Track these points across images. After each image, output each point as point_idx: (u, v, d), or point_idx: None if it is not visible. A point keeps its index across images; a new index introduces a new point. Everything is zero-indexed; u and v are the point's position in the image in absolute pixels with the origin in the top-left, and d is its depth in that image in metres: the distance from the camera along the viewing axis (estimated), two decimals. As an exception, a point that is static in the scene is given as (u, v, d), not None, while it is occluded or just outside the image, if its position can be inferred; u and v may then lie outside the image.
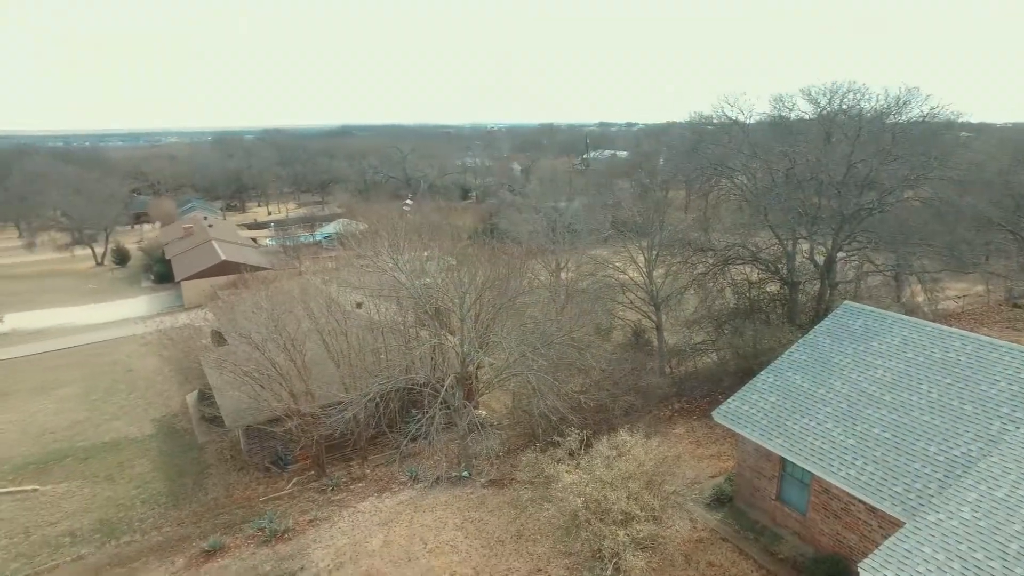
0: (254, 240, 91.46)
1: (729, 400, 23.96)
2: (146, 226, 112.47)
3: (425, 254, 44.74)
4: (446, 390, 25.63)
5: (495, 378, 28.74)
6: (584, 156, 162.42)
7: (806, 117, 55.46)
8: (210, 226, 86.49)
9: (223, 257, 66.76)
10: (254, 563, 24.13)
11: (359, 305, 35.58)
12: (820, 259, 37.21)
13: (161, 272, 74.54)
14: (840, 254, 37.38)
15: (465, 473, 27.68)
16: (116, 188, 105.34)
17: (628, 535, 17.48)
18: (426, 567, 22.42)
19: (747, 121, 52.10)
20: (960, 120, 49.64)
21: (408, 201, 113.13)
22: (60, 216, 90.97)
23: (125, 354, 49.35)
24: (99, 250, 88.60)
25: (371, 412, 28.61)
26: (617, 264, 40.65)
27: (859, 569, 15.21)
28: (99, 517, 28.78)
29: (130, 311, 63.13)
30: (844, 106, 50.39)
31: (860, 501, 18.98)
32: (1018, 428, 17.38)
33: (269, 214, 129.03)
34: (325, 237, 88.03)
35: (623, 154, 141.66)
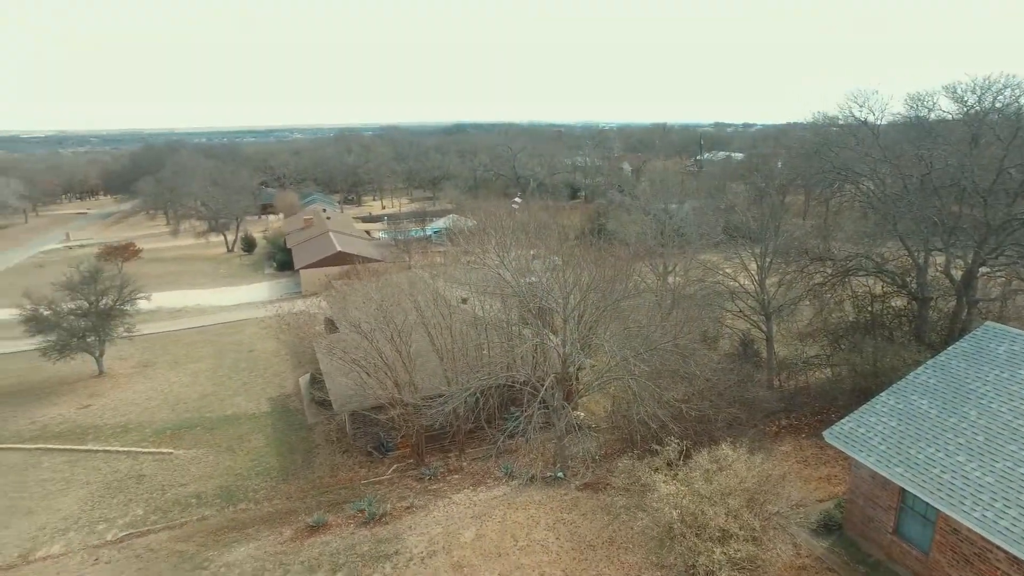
0: (368, 233, 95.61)
1: (843, 421, 22.45)
2: (271, 216, 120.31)
3: (531, 253, 45.07)
4: (546, 390, 25.64)
5: (595, 381, 28.46)
6: (697, 157, 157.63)
7: (949, 117, 50.97)
8: (328, 218, 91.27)
9: (338, 248, 70.24)
10: (353, 542, 25.23)
11: (464, 301, 36.33)
12: (957, 274, 34.07)
13: (283, 260, 79.51)
14: (983, 269, 34.03)
15: (560, 474, 27.60)
16: (247, 181, 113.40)
17: (725, 553, 16.79)
18: (515, 564, 22.55)
19: (878, 122, 48.57)
20: None
21: (517, 199, 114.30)
22: (200, 206, 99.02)
23: (248, 335, 53.06)
24: (230, 238, 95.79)
25: (471, 406, 29.11)
26: (727, 270, 39.14)
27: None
28: (220, 484, 31.14)
29: (254, 296, 67.81)
30: (998, 104, 45.80)
31: (1000, 549, 17.15)
32: None
33: (383, 208, 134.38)
34: (435, 232, 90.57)
35: (738, 156, 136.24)
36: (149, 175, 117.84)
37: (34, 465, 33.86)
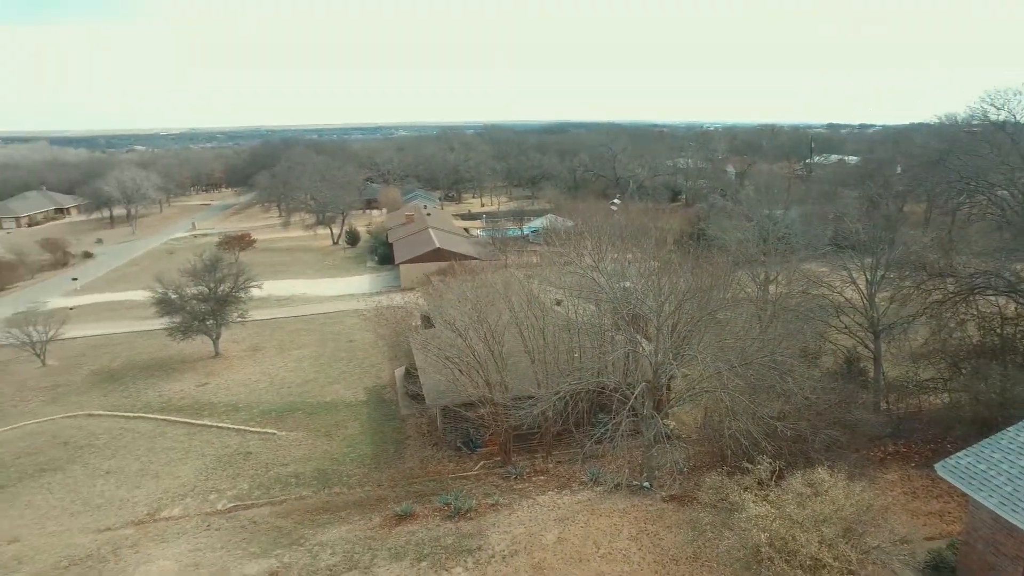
0: (466, 230, 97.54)
1: (961, 453, 20.77)
2: (374, 211, 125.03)
3: (628, 256, 44.55)
4: (635, 398, 25.34)
5: (687, 392, 27.83)
6: (807, 161, 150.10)
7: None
8: (428, 215, 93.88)
9: (437, 245, 72.13)
10: (438, 535, 25.94)
11: (559, 303, 36.45)
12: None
13: (384, 254, 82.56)
14: None
15: (646, 484, 27.21)
16: (353, 176, 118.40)
17: (817, 584, 16.01)
18: (596, 571, 22.45)
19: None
20: None
21: (615, 200, 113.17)
22: (309, 199, 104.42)
23: (348, 326, 55.54)
24: (336, 231, 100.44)
25: (560, 410, 29.18)
26: (834, 283, 37.11)
27: None
28: (317, 466, 32.87)
29: (355, 288, 70.86)
30: None
31: None
32: None
33: (482, 206, 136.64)
34: (532, 232, 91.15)
35: (852, 160, 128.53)
36: (265, 170, 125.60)
37: (160, 434, 37.06)
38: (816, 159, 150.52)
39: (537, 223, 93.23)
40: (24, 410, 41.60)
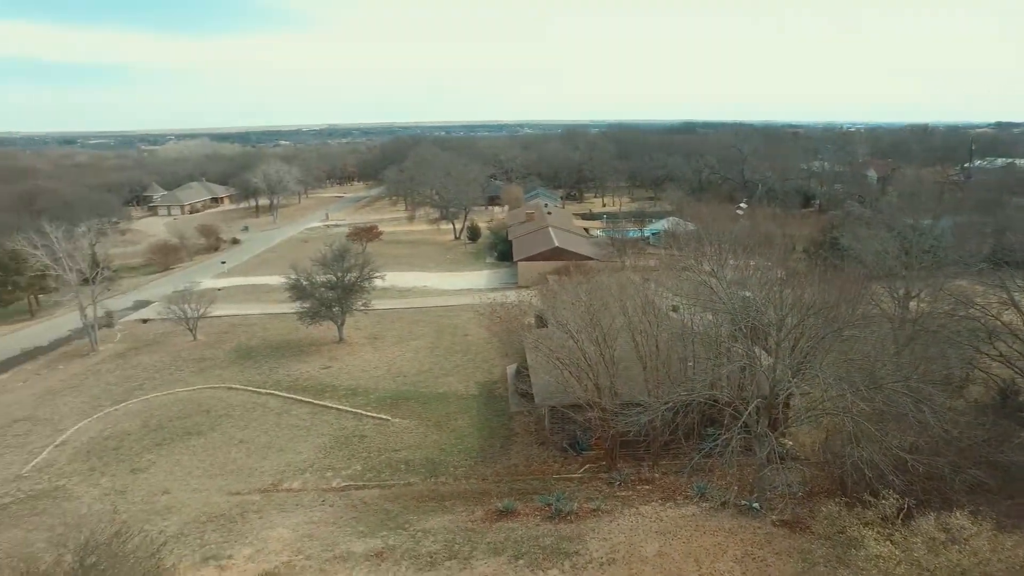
0: (586, 230, 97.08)
1: None
2: (496, 208, 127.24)
3: (751, 263, 42.59)
4: (749, 414, 24.20)
5: (806, 412, 26.19)
6: (965, 165, 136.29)
7: None
8: (549, 213, 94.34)
9: (556, 244, 72.29)
10: (537, 534, 26.07)
11: (674, 309, 35.49)
12: None
13: (503, 251, 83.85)
14: None
15: (755, 504, 25.90)
16: (477, 173, 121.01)
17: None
18: (698, 591, 21.71)
19: None
20: None
21: (742, 204, 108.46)
22: (434, 195, 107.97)
23: (464, 320, 56.95)
24: (458, 226, 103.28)
25: (669, 420, 28.40)
26: (989, 304, 33.47)
27: None
28: (426, 455, 34.01)
29: (474, 283, 72.51)
30: None
31: None
32: None
33: (603, 206, 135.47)
34: (652, 234, 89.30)
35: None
36: (394, 165, 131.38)
37: (287, 411, 39.85)
38: (978, 163, 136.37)
39: (658, 225, 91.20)
40: (177, 378, 46.16)
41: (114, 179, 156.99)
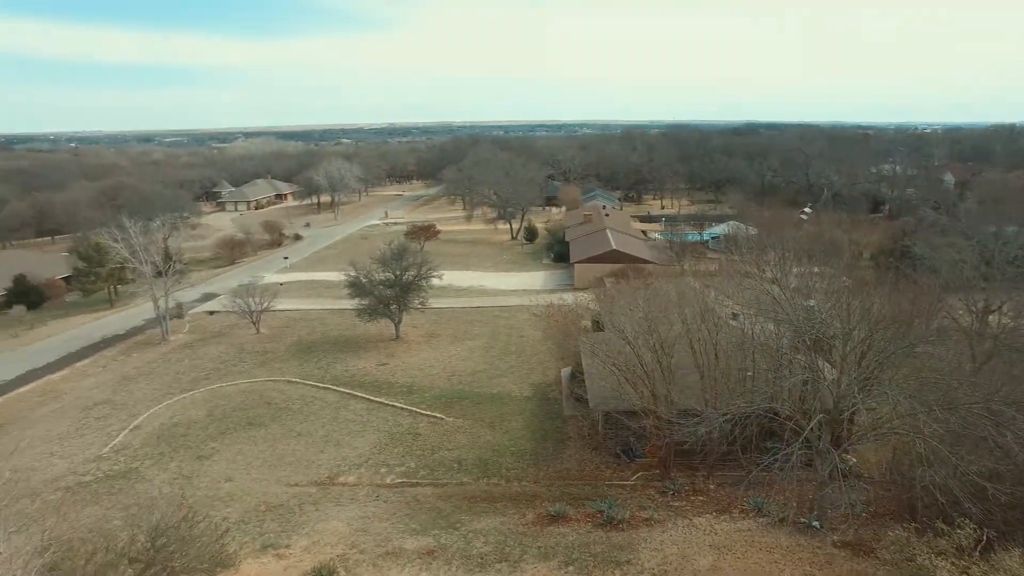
0: (644, 233, 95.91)
1: None
2: (553, 209, 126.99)
3: (815, 271, 41.20)
4: (811, 429, 23.41)
5: (872, 429, 25.15)
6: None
7: None
8: (607, 215, 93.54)
9: (613, 246, 71.64)
10: (588, 541, 25.90)
11: (734, 317, 34.67)
12: None
13: (560, 252, 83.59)
14: None
15: (815, 523, 25.06)
16: (535, 173, 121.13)
17: None
18: (753, 609, 21.15)
19: None
20: None
21: (806, 209, 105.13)
22: (492, 194, 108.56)
23: (520, 321, 57.04)
24: (515, 226, 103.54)
25: (727, 431, 27.75)
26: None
27: None
28: (479, 456, 34.21)
29: (530, 283, 72.55)
30: None
31: None
32: None
33: (662, 208, 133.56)
34: (712, 238, 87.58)
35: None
36: (453, 164, 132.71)
37: (344, 406, 40.77)
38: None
39: (718, 229, 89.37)
40: (240, 369, 47.84)
41: (186, 176, 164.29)
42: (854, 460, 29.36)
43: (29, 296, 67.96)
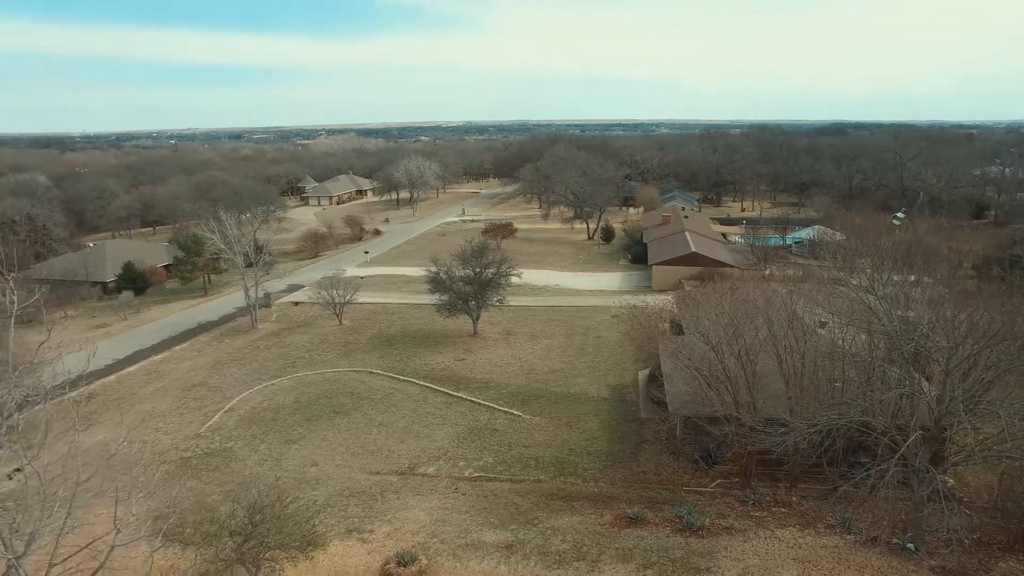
0: (724, 236, 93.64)
1: None
2: (631, 209, 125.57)
3: (911, 279, 39.22)
4: (908, 447, 22.39)
5: (979, 451, 23.81)
6: None
7: None
8: (686, 217, 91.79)
9: (693, 249, 70.28)
10: (666, 545, 25.67)
11: (823, 325, 33.50)
12: None
13: (637, 253, 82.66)
14: None
15: (910, 545, 23.97)
16: (612, 173, 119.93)
17: None
18: (842, 629, 20.46)
19: None
20: None
21: (899, 214, 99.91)
22: (569, 194, 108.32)
23: (596, 321, 56.81)
24: (592, 226, 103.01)
25: (816, 443, 26.90)
26: None
27: None
28: (556, 454, 34.39)
29: (606, 284, 72.12)
30: None
31: None
32: None
33: (743, 211, 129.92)
34: (796, 242, 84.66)
35: None
36: (530, 163, 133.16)
37: (424, 400, 41.77)
38: None
39: (802, 234, 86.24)
40: (324, 359, 49.74)
41: (273, 171, 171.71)
42: (951, 482, 27.86)
43: (136, 282, 72.87)
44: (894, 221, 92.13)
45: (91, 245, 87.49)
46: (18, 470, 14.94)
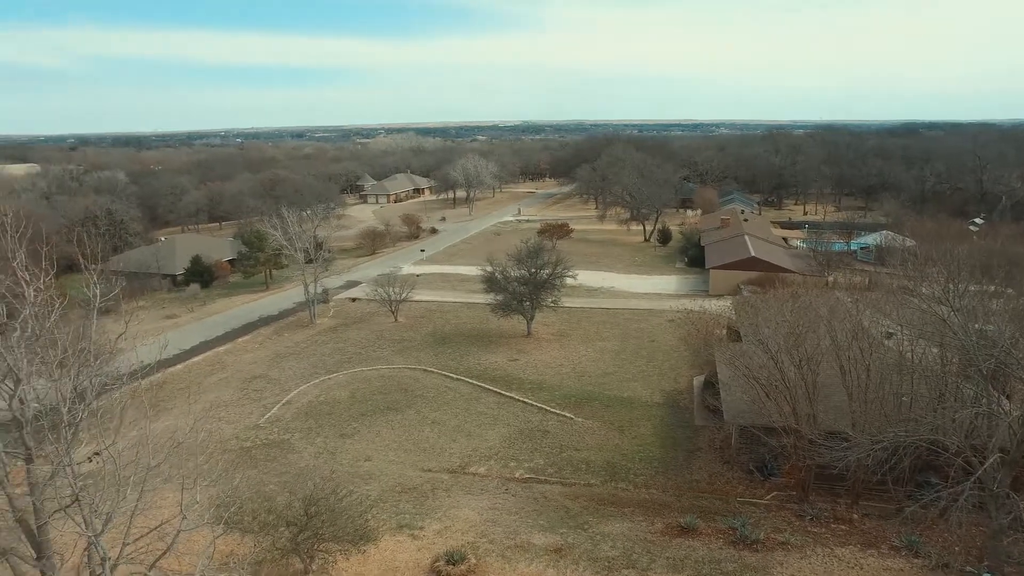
0: (784, 240, 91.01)
1: None
2: (689, 211, 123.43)
3: (990, 290, 37.17)
4: (986, 469, 21.23)
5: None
6: None
7: None
8: (745, 220, 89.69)
9: (752, 253, 68.59)
10: (719, 558, 25.08)
11: (889, 336, 32.12)
12: None
13: (694, 256, 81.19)
14: None
15: (987, 575, 22.71)
16: (670, 175, 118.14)
17: None
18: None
19: None
20: None
21: (977, 220, 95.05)
22: (626, 195, 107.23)
23: (651, 325, 56.01)
24: (648, 228, 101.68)
25: (878, 459, 25.81)
26: None
27: None
28: (607, 458, 34.05)
29: (662, 287, 71.06)
30: None
31: None
32: None
33: (805, 214, 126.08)
34: (861, 248, 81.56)
35: None
36: (586, 163, 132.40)
37: (476, 399, 42.01)
38: None
39: (868, 239, 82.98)
40: (379, 355, 50.60)
41: (333, 169, 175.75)
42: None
43: (202, 276, 75.85)
44: (971, 227, 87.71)
45: (162, 239, 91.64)
46: (97, 454, 15.68)
